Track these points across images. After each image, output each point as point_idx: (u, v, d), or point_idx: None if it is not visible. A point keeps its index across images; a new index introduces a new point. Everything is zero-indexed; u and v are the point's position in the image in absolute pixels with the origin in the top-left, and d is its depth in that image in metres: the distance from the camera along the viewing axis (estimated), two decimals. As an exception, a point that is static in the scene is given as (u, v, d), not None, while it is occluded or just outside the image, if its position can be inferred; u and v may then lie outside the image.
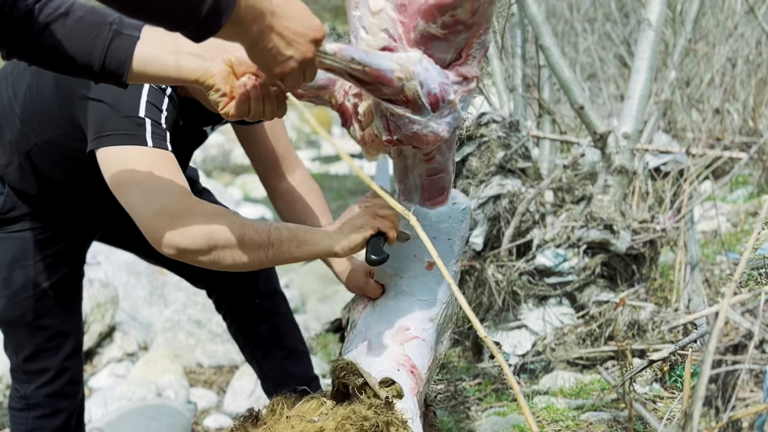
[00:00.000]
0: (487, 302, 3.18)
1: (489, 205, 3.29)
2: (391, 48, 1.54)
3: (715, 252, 4.14)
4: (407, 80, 1.52)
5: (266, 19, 1.37)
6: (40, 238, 2.18)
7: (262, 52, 1.40)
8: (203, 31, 1.30)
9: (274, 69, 1.43)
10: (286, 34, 1.40)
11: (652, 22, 3.25)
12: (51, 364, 2.19)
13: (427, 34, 1.55)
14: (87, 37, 1.56)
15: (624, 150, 3.23)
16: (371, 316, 1.95)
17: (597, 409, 2.58)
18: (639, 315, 3.03)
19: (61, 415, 2.22)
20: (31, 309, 2.17)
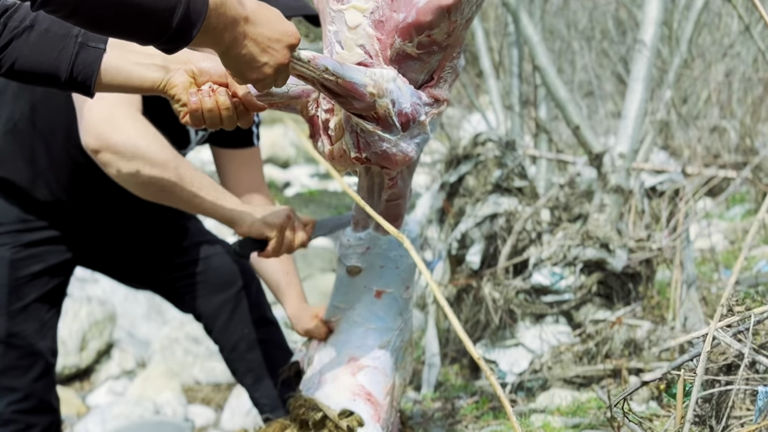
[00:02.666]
0: (484, 320, 3.19)
1: (485, 224, 3.31)
2: (366, 64, 1.55)
3: (711, 270, 4.15)
4: (379, 96, 1.52)
5: (239, 27, 1.36)
6: (18, 257, 2.17)
7: (236, 59, 1.40)
8: (174, 44, 1.29)
9: (249, 75, 1.43)
10: (260, 40, 1.39)
11: (647, 42, 3.28)
12: (20, 384, 2.19)
13: (403, 53, 1.55)
14: (53, 50, 1.57)
15: (620, 169, 3.25)
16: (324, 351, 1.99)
17: (593, 428, 2.59)
18: (635, 333, 3.04)
19: (34, 428, 2.22)
20: (3, 327, 2.17)
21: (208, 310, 2.44)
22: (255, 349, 2.46)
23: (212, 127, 1.60)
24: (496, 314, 3.14)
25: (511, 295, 3.15)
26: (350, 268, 1.90)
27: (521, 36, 4.34)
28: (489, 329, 3.20)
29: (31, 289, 2.17)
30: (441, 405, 3.21)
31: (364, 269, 1.91)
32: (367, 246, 1.92)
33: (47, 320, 2.24)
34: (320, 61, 1.47)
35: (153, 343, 4.68)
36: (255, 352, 2.46)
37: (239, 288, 2.43)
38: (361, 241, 1.91)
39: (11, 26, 1.54)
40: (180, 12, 1.25)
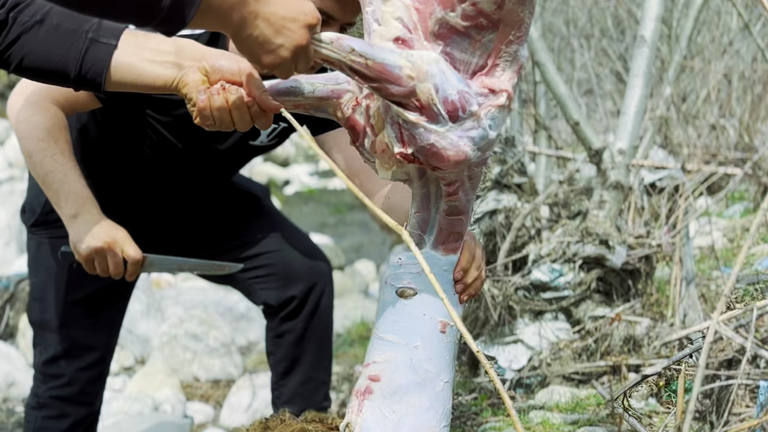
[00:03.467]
0: (483, 317, 3.19)
1: (485, 221, 3.31)
2: (405, 39, 1.39)
3: (711, 267, 4.15)
4: (419, 81, 1.35)
5: (248, 5, 1.27)
6: None
7: (248, 41, 1.30)
8: (169, 25, 1.22)
9: (264, 59, 1.33)
10: (273, 20, 1.29)
11: (647, 38, 3.28)
12: (66, 371, 2.24)
13: (447, 25, 1.38)
14: (62, 46, 1.52)
15: (619, 166, 3.24)
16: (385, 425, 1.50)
17: (593, 424, 2.58)
18: (635, 330, 3.04)
19: (67, 419, 2.26)
20: (58, 317, 2.22)
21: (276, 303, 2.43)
22: (300, 343, 2.44)
23: (223, 128, 1.49)
24: (495, 311, 3.14)
25: (510, 291, 3.14)
26: (403, 290, 1.55)
27: (521, 33, 4.33)
28: (488, 326, 3.20)
29: (90, 281, 2.17)
30: (440, 402, 3.21)
31: (420, 292, 1.55)
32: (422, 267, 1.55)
33: (104, 315, 2.27)
34: (345, 42, 1.33)
35: (152, 339, 4.68)
36: (298, 346, 2.45)
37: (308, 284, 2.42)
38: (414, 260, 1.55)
39: (21, 20, 1.49)
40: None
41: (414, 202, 1.56)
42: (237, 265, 2.26)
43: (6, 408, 3.99)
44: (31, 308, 2.29)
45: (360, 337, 4.86)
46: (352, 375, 4.14)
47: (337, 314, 5.38)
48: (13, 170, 10.84)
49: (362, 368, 1.56)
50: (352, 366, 4.30)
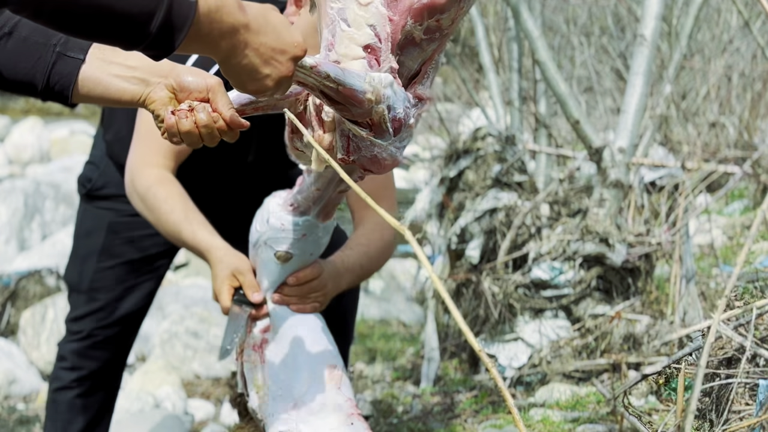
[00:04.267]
0: (484, 315, 3.19)
1: (485, 219, 3.31)
2: (374, 48, 1.46)
3: (710, 265, 4.16)
4: (377, 103, 1.43)
5: (239, 35, 1.26)
6: (117, 221, 2.36)
7: (236, 69, 1.31)
8: (157, 50, 1.20)
9: (249, 87, 1.35)
10: (263, 51, 1.30)
11: (647, 37, 3.28)
12: (85, 327, 2.39)
13: (411, 36, 1.47)
14: (30, 58, 1.52)
15: (619, 164, 3.25)
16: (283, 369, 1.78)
17: (593, 422, 2.59)
18: (634, 328, 3.05)
19: (79, 371, 2.41)
20: (88, 279, 2.39)
21: None
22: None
23: (192, 146, 1.53)
24: (495, 309, 3.14)
25: (510, 289, 3.15)
26: (281, 254, 1.78)
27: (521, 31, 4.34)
28: (488, 324, 3.21)
29: (122, 252, 2.37)
30: (440, 399, 3.22)
31: (295, 256, 1.80)
32: (303, 233, 1.80)
33: (135, 284, 2.41)
34: (323, 68, 1.38)
35: (152, 337, 4.68)
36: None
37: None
38: (299, 227, 1.78)
39: None
40: (160, 16, 1.15)
41: (319, 181, 1.71)
42: None
43: (7, 405, 4.00)
44: (68, 268, 2.48)
45: (360, 335, 4.87)
46: (353, 372, 4.15)
47: (337, 312, 5.38)
48: (13, 167, 10.84)
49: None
50: (353, 363, 4.30)
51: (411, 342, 4.58)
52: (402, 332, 4.89)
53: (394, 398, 3.40)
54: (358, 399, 3.44)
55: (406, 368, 3.97)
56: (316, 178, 1.69)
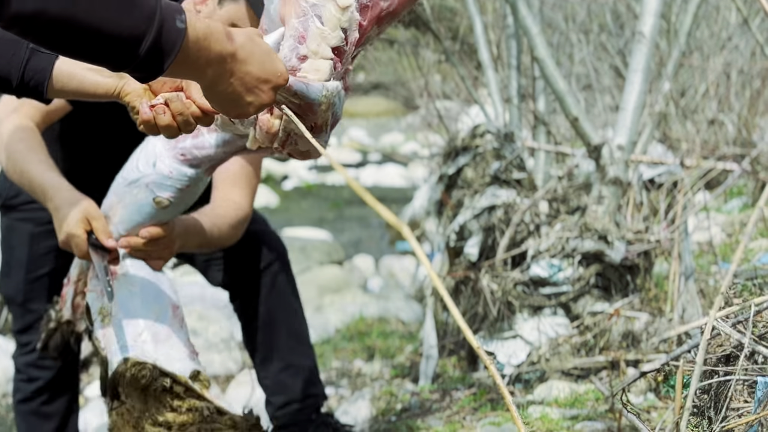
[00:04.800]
0: (482, 312, 3.19)
1: (484, 216, 3.31)
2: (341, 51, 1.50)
3: (709, 262, 4.16)
4: (325, 110, 1.49)
5: (226, 64, 1.28)
6: (38, 231, 2.36)
7: (220, 95, 1.33)
8: (144, 73, 1.22)
9: (231, 112, 1.37)
10: (247, 80, 1.32)
11: (646, 34, 3.28)
12: (32, 339, 2.40)
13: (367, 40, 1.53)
14: (5, 54, 1.54)
15: (618, 161, 3.25)
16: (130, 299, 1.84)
17: (591, 419, 2.59)
18: (633, 325, 3.05)
19: (36, 381, 2.45)
20: (21, 292, 2.42)
21: (231, 285, 2.50)
22: (268, 330, 2.49)
23: (171, 138, 1.57)
24: (494, 306, 3.14)
25: (509, 287, 3.15)
26: (161, 200, 1.79)
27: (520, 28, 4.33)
28: (487, 321, 3.20)
29: (47, 261, 2.38)
30: (439, 397, 3.22)
31: (173, 205, 1.82)
32: (188, 184, 1.81)
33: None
34: (293, 88, 1.43)
35: (151, 335, 4.67)
36: (267, 334, 2.49)
37: (264, 267, 2.46)
38: (186, 178, 1.79)
39: None
40: (149, 41, 1.17)
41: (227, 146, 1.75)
42: None
43: (5, 403, 4.00)
44: (2, 281, 2.50)
45: (359, 333, 4.87)
46: (351, 370, 4.15)
47: (335, 309, 5.38)
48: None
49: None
50: (351, 361, 4.30)
51: (409, 340, 4.58)
52: (400, 330, 4.89)
53: (392, 396, 3.40)
54: (357, 397, 3.44)
55: (404, 366, 3.97)
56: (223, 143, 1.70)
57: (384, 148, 15.78)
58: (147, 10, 1.16)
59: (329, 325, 5.09)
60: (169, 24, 1.18)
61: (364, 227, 9.41)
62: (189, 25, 1.21)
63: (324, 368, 4.21)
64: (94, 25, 1.12)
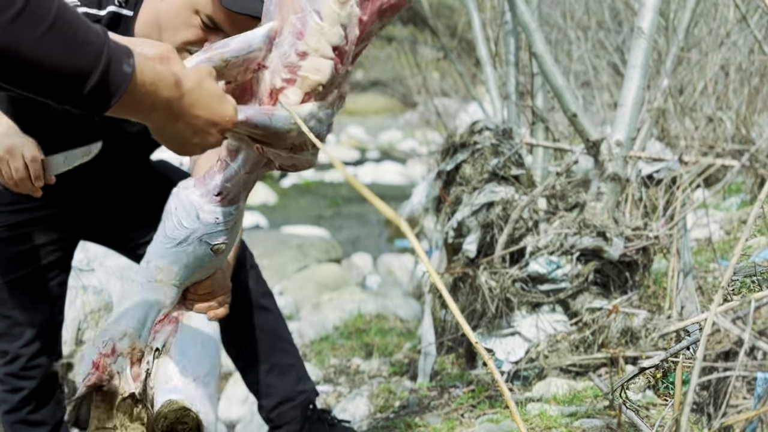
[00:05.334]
0: (481, 309, 3.19)
1: (482, 212, 3.30)
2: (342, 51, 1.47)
3: (708, 259, 4.15)
4: (299, 134, 1.48)
5: (172, 108, 1.29)
6: (7, 236, 2.31)
7: (167, 137, 1.34)
8: (86, 110, 1.20)
9: (176, 151, 1.38)
10: (195, 123, 1.33)
11: (645, 30, 3.27)
12: (9, 348, 2.37)
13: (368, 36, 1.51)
14: None
15: (617, 157, 3.24)
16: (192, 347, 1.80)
17: (590, 416, 2.58)
18: (632, 322, 3.04)
19: (21, 391, 2.40)
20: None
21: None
22: (247, 334, 2.47)
23: None
24: (492, 303, 3.13)
25: (507, 283, 3.14)
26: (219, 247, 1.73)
27: (518, 24, 4.32)
28: (485, 318, 3.20)
29: (20, 265, 2.32)
30: (437, 394, 3.21)
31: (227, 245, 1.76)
32: (235, 221, 1.76)
33: (41, 294, 2.37)
34: (252, 121, 1.43)
35: (148, 332, 4.66)
36: (246, 338, 2.47)
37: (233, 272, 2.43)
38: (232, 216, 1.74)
39: None
40: (94, 80, 1.16)
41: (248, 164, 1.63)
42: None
43: (2, 401, 3.98)
44: None
45: (357, 330, 4.86)
46: (349, 368, 4.14)
47: (334, 307, 5.37)
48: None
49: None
50: (350, 359, 4.29)
51: (408, 337, 4.57)
52: (399, 327, 4.88)
53: (390, 393, 3.39)
54: (355, 394, 3.43)
55: (403, 363, 3.96)
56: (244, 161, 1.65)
57: (382, 145, 15.78)
58: (94, 50, 1.15)
59: (327, 323, 5.08)
60: (116, 66, 1.18)
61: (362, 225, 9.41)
62: (137, 70, 1.21)
63: (322, 366, 4.20)
64: (38, 60, 1.11)
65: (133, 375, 1.73)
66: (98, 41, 1.17)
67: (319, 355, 4.45)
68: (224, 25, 1.88)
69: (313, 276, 6.26)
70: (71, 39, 1.14)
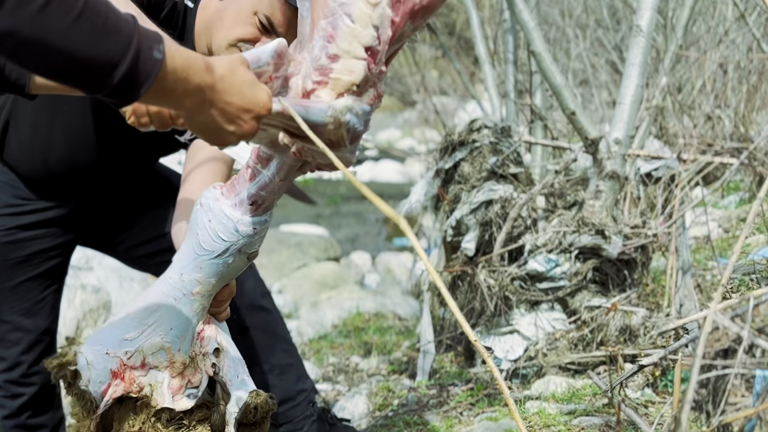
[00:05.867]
0: (479, 307, 3.18)
1: (481, 211, 3.30)
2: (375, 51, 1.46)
3: (706, 257, 4.15)
4: (336, 128, 1.46)
5: (204, 95, 1.27)
6: (7, 240, 2.29)
7: (201, 125, 1.31)
8: (117, 100, 1.19)
9: (211, 141, 1.35)
10: (228, 110, 1.30)
11: (643, 28, 3.27)
12: (7, 355, 2.36)
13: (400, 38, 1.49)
14: None
15: (615, 155, 3.24)
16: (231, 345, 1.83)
17: (589, 414, 2.58)
18: (631, 320, 3.04)
19: (20, 398, 2.39)
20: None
21: None
22: (244, 334, 2.47)
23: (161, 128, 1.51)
24: (491, 301, 3.13)
25: (506, 281, 3.14)
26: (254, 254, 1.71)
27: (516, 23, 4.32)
28: (484, 316, 3.20)
29: (20, 270, 2.31)
30: (436, 392, 3.21)
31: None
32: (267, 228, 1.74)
33: (40, 299, 2.36)
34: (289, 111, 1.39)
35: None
36: (243, 338, 2.46)
37: None
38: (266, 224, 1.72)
39: None
40: (124, 68, 1.15)
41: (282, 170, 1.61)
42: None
43: None
44: None
45: (355, 328, 4.86)
46: (348, 366, 4.14)
47: (332, 305, 5.37)
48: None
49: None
50: (348, 357, 4.29)
51: (406, 335, 4.57)
52: (397, 326, 4.88)
53: (389, 391, 3.39)
54: (354, 393, 3.43)
55: (401, 361, 3.96)
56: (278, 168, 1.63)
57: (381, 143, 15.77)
58: (123, 39, 1.14)
59: (326, 321, 5.08)
60: (146, 54, 1.17)
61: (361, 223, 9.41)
62: (167, 56, 1.19)
63: (321, 364, 4.20)
64: (66, 49, 1.10)
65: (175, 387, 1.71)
66: (128, 29, 1.15)
67: (318, 353, 4.45)
68: (280, 26, 1.92)
69: (312, 274, 6.26)
70: (100, 28, 1.12)
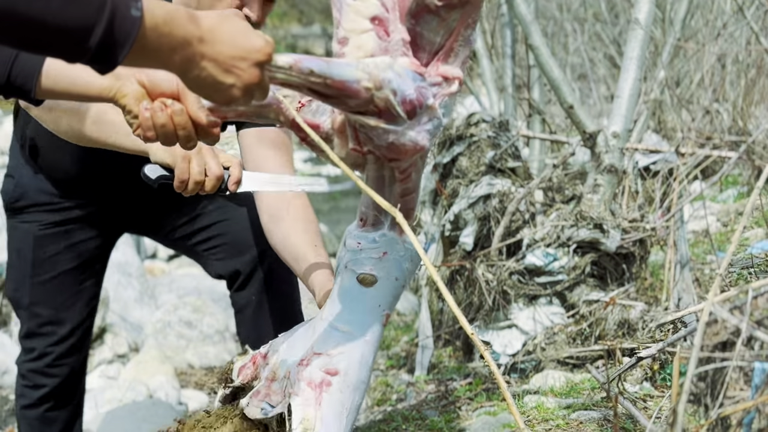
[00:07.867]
0: (478, 302, 3.18)
1: (479, 205, 3.29)
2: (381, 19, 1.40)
3: (705, 251, 4.15)
4: (377, 89, 1.34)
5: (192, 47, 1.21)
6: (43, 234, 2.32)
7: (197, 82, 1.26)
8: (98, 65, 1.14)
9: (215, 99, 1.29)
10: (221, 59, 1.24)
11: (641, 21, 3.26)
12: (37, 346, 2.38)
13: (423, 3, 1.38)
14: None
15: (614, 149, 3.23)
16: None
17: (587, 408, 2.58)
18: (629, 314, 3.04)
19: (42, 388, 2.40)
20: (27, 295, 2.36)
21: (226, 274, 2.46)
22: (259, 316, 2.46)
23: (167, 144, 1.46)
24: (489, 296, 3.13)
25: (504, 276, 3.14)
26: (364, 276, 1.54)
27: (514, 17, 4.31)
28: (482, 311, 3.19)
29: (55, 264, 2.33)
30: (434, 387, 3.21)
31: (380, 280, 1.54)
32: (384, 251, 1.56)
33: (76, 291, 2.38)
34: (303, 65, 1.30)
35: (146, 327, 4.67)
36: (258, 320, 2.47)
37: (255, 254, 2.42)
38: (376, 243, 1.56)
39: None
40: (99, 32, 1.09)
41: (369, 182, 1.54)
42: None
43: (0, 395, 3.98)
44: (8, 285, 2.44)
45: (354, 323, 4.86)
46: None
47: (332, 300, 5.37)
48: (5, 158, 10.80)
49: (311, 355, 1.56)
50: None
51: (405, 330, 4.57)
52: (396, 320, 4.88)
53: (388, 386, 3.39)
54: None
55: (400, 356, 3.96)
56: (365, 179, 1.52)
57: (379, 139, 15.75)
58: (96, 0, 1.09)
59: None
60: (122, 12, 1.11)
61: (359, 219, 9.41)
62: (146, 12, 1.14)
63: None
64: (36, 17, 1.06)
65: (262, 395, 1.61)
66: None
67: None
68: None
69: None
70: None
